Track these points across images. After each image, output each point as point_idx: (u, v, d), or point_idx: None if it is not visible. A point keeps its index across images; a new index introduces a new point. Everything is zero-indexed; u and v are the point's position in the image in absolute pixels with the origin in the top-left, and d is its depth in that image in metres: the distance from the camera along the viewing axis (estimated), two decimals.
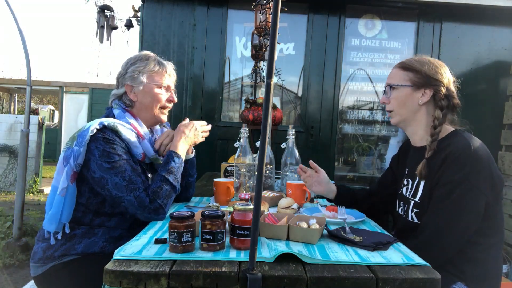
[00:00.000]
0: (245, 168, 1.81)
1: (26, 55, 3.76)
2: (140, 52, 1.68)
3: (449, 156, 1.34)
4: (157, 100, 1.61)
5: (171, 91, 1.67)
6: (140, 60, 1.61)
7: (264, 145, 0.89)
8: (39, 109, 16.61)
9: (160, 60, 1.65)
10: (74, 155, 1.39)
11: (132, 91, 1.60)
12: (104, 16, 7.53)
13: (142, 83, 1.58)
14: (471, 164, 1.31)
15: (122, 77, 1.62)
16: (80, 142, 1.40)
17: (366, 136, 3.68)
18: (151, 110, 1.62)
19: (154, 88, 1.60)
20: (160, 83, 1.62)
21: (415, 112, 1.50)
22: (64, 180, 1.41)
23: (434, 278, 0.95)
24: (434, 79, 1.45)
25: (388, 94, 1.54)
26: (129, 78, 1.59)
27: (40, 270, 1.46)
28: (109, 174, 1.39)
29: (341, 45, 3.45)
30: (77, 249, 1.44)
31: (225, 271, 0.94)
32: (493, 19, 3.46)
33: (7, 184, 6.65)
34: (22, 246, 3.71)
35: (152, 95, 1.60)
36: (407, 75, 1.49)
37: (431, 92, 1.46)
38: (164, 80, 1.63)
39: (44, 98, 20.60)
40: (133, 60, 1.62)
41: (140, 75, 1.58)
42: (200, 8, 3.38)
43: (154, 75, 1.60)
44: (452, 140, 1.40)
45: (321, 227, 1.19)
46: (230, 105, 3.65)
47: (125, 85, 1.60)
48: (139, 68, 1.59)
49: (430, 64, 1.48)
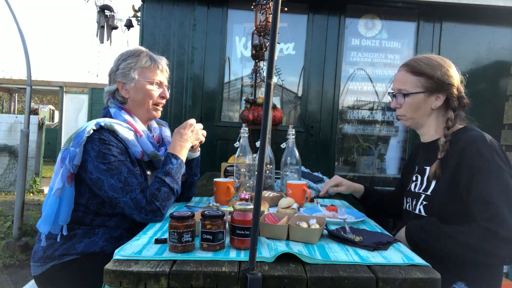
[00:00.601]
0: (245, 168, 1.81)
1: (26, 55, 3.76)
2: (132, 48, 1.65)
3: (467, 146, 1.34)
4: (149, 96, 1.58)
5: (163, 87, 1.64)
6: (131, 56, 1.59)
7: (264, 145, 0.89)
8: (39, 109, 16.61)
9: (152, 55, 1.62)
10: (70, 156, 1.38)
11: (123, 88, 1.58)
12: (104, 16, 7.54)
13: (134, 79, 1.56)
14: (489, 151, 1.32)
15: (114, 73, 1.60)
16: (77, 143, 1.39)
17: (366, 136, 3.68)
18: (143, 107, 1.60)
19: (146, 85, 1.58)
20: (152, 79, 1.59)
21: (428, 115, 1.51)
22: (59, 181, 1.40)
23: (434, 278, 0.95)
24: (446, 83, 1.46)
25: (400, 100, 1.52)
26: (121, 74, 1.57)
27: (40, 269, 1.46)
28: (105, 175, 1.38)
29: (341, 45, 3.45)
30: (77, 248, 1.43)
31: (225, 271, 0.94)
32: (493, 19, 3.46)
33: (7, 184, 6.65)
34: (22, 246, 3.71)
35: (144, 92, 1.58)
36: (419, 80, 1.47)
37: (444, 97, 1.47)
38: (156, 76, 1.60)
39: (44, 98, 20.60)
40: (124, 56, 1.60)
41: (132, 71, 1.56)
42: (200, 8, 3.38)
43: (146, 71, 1.58)
44: (466, 134, 1.41)
45: (321, 227, 1.19)
46: (230, 105, 3.65)
47: (117, 81, 1.58)
48: (130, 64, 1.57)
49: (442, 68, 1.46)
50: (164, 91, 1.64)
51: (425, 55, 1.53)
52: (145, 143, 1.55)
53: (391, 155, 3.72)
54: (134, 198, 1.37)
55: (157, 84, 1.62)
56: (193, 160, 1.74)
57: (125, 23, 7.73)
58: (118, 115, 1.55)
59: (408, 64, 1.52)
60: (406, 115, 1.53)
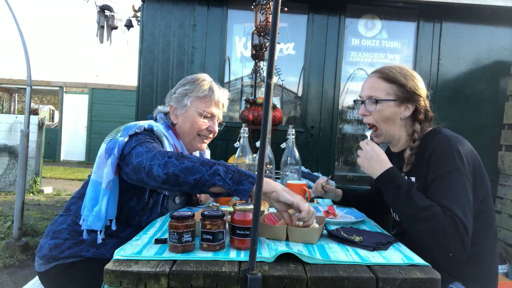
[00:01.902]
0: (245, 168, 1.81)
1: (26, 55, 3.76)
2: (197, 74, 1.60)
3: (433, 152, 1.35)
4: (195, 128, 1.53)
5: (214, 121, 1.58)
6: (191, 82, 1.55)
7: (264, 145, 0.89)
8: (39, 109, 16.61)
9: (213, 86, 1.56)
10: (118, 145, 1.32)
11: (173, 113, 1.55)
12: (104, 16, 7.54)
13: (185, 106, 1.52)
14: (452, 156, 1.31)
15: (170, 96, 1.57)
16: (126, 133, 1.35)
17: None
18: (188, 137, 1.56)
19: (196, 115, 1.52)
20: (203, 110, 1.53)
21: (396, 126, 1.50)
22: (109, 172, 1.31)
23: (434, 278, 0.95)
24: (416, 94, 1.46)
25: (370, 106, 1.49)
26: (175, 99, 1.54)
27: (43, 267, 1.46)
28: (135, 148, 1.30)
29: (341, 45, 3.45)
30: (83, 256, 1.42)
31: (225, 271, 0.94)
32: (493, 19, 3.46)
33: (7, 184, 6.65)
34: (22, 246, 3.71)
35: (192, 122, 1.53)
36: (391, 88, 1.46)
37: (413, 107, 1.46)
38: (209, 108, 1.54)
39: (44, 98, 20.61)
40: (186, 81, 1.57)
41: (186, 98, 1.53)
42: (200, 8, 3.38)
43: (199, 101, 1.53)
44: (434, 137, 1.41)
45: (320, 227, 1.19)
46: (230, 105, 3.64)
47: (170, 105, 1.56)
48: (187, 91, 1.53)
49: (413, 78, 1.47)
50: (213, 125, 1.57)
51: (397, 64, 1.53)
52: None
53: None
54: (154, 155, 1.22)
55: (208, 117, 1.55)
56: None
57: (125, 23, 7.74)
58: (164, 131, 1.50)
59: (380, 71, 1.50)
60: (376, 125, 1.51)
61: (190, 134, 1.55)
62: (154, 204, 1.46)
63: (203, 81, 1.56)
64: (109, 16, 7.65)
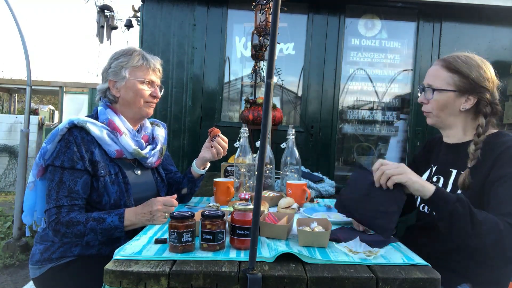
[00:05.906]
0: (245, 168, 1.81)
1: (26, 55, 3.76)
2: (126, 47, 1.65)
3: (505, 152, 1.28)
4: (139, 95, 1.58)
5: (155, 87, 1.63)
6: (124, 55, 1.59)
7: (264, 145, 0.89)
8: (39, 109, 16.60)
9: (145, 55, 1.62)
10: (41, 152, 1.46)
11: (114, 86, 1.58)
12: (104, 16, 7.54)
13: (124, 78, 1.56)
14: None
15: (106, 72, 1.60)
16: (50, 139, 1.45)
17: (366, 136, 3.68)
18: (134, 106, 1.59)
19: (137, 84, 1.57)
20: (143, 78, 1.58)
21: (455, 116, 1.43)
22: (31, 175, 1.50)
23: (434, 278, 0.95)
24: (480, 86, 1.37)
25: (428, 95, 1.43)
26: (112, 73, 1.58)
27: (38, 272, 1.46)
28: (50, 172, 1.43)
29: (341, 45, 3.45)
30: (73, 251, 1.45)
31: (225, 271, 0.94)
32: (492, 19, 3.46)
33: (7, 184, 6.65)
34: (22, 246, 3.71)
35: (135, 91, 1.57)
36: (451, 78, 1.39)
37: (475, 100, 1.38)
38: (147, 75, 1.59)
39: (44, 98, 20.60)
40: (117, 54, 1.60)
41: (123, 70, 1.56)
42: (200, 8, 3.38)
43: (137, 70, 1.57)
44: (503, 139, 1.34)
45: (329, 230, 1.17)
46: (230, 105, 3.65)
47: (108, 80, 1.58)
48: (122, 63, 1.57)
49: (479, 69, 1.38)
50: (156, 91, 1.63)
51: (466, 53, 1.44)
52: (125, 142, 1.53)
53: (391, 155, 3.71)
54: (48, 210, 1.40)
55: (148, 83, 1.61)
56: (200, 176, 1.76)
57: (125, 23, 7.74)
58: (102, 113, 1.56)
59: (445, 59, 1.43)
60: (432, 112, 1.45)
61: (136, 103, 1.59)
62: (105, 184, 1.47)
63: (134, 52, 1.60)
64: (109, 16, 7.65)
